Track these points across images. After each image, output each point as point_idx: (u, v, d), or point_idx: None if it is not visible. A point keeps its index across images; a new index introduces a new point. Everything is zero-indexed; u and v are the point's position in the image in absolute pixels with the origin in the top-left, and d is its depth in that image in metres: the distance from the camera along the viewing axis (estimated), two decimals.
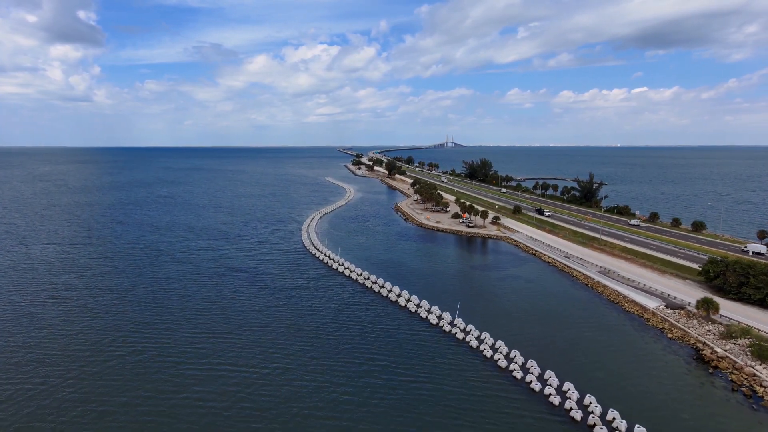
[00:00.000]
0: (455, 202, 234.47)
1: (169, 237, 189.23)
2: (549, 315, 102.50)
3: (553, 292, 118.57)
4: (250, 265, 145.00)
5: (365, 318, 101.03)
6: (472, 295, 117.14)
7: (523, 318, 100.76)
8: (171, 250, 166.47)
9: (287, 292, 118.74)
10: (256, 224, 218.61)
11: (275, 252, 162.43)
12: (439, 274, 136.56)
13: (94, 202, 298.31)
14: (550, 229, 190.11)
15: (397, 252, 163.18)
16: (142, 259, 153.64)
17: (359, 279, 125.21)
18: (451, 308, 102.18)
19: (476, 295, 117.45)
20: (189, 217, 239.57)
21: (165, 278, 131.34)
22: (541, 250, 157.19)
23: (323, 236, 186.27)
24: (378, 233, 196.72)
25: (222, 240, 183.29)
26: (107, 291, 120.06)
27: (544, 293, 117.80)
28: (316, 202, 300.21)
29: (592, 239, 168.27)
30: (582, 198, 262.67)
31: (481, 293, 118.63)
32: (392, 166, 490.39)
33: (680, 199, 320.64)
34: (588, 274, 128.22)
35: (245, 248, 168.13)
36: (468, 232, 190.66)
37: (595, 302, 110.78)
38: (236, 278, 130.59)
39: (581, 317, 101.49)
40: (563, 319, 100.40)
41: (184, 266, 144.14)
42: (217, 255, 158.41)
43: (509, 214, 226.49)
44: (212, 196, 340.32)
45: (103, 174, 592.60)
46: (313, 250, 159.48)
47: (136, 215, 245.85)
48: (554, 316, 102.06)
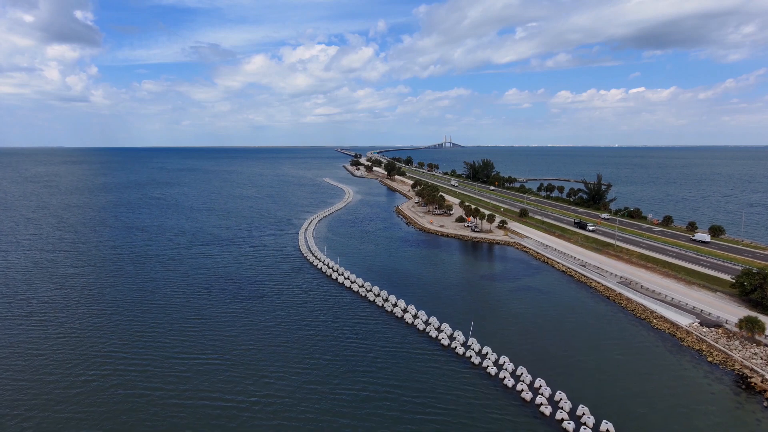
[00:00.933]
0: (459, 205, 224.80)
1: (159, 243, 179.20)
2: (571, 333, 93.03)
3: (571, 306, 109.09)
4: (243, 274, 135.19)
5: (368, 337, 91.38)
6: (484, 309, 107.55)
7: (543, 338, 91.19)
8: (160, 257, 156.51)
9: (282, 306, 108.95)
10: (251, 228, 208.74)
11: (271, 259, 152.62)
12: (446, 284, 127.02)
13: (83, 205, 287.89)
14: (561, 234, 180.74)
15: (400, 259, 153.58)
16: (129, 267, 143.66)
17: (361, 291, 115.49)
18: (463, 326, 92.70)
19: (489, 309, 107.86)
20: (181, 221, 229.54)
21: (151, 290, 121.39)
22: (553, 257, 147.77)
23: (322, 242, 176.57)
24: (379, 238, 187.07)
25: (215, 246, 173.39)
26: (87, 306, 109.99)
27: (562, 307, 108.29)
28: (314, 204, 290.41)
29: (606, 245, 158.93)
30: (589, 200, 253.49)
31: (494, 307, 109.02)
32: (392, 167, 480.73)
33: (687, 201, 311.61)
34: (608, 284, 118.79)
35: (239, 255, 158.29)
36: (474, 238, 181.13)
37: (619, 318, 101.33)
38: (227, 290, 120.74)
39: (607, 336, 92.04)
40: (587, 338, 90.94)
41: (173, 276, 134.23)
42: (208, 263, 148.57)
43: (515, 218, 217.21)
44: (207, 198, 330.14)
45: (96, 175, 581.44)
46: (311, 257, 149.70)
47: (127, 219, 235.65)
48: (577, 334, 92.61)
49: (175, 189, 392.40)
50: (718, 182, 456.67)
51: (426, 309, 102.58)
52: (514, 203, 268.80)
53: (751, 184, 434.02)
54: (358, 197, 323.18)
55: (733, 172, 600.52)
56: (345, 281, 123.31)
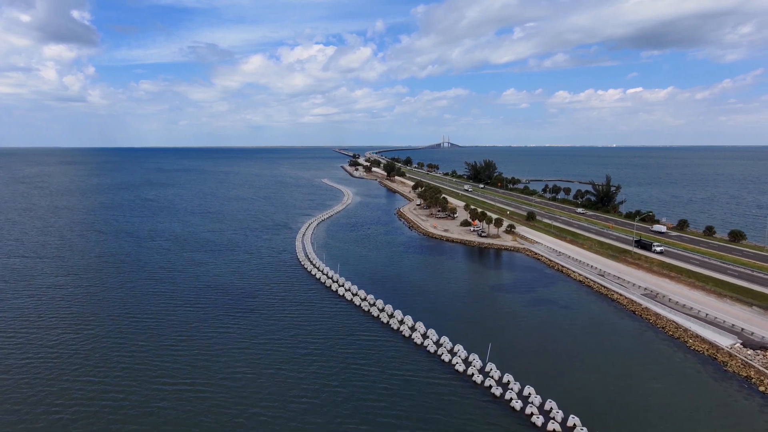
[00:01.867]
0: (464, 209, 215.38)
1: (148, 249, 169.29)
2: (600, 356, 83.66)
3: (595, 322, 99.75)
4: (235, 285, 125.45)
5: (373, 361, 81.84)
6: (499, 327, 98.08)
7: (570, 363, 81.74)
8: (148, 265, 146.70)
9: (277, 323, 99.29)
10: (246, 233, 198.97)
11: (266, 268, 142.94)
12: (455, 296, 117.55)
13: (73, 207, 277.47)
14: (573, 239, 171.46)
15: (404, 268, 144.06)
16: (113, 277, 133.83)
17: (364, 305, 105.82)
18: (478, 347, 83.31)
19: (505, 327, 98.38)
20: (174, 224, 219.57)
21: (135, 304, 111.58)
22: (568, 265, 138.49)
23: (320, 248, 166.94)
24: (381, 243, 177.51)
25: (207, 252, 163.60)
26: (62, 322, 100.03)
27: (585, 323, 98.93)
28: (312, 206, 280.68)
29: (622, 252, 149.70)
30: (598, 203, 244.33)
31: (511, 324, 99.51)
32: (391, 168, 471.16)
33: (695, 204, 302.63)
34: (631, 297, 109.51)
35: (232, 263, 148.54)
36: (481, 243, 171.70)
37: (649, 336, 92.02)
38: (218, 303, 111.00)
39: (638, 358, 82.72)
40: (618, 361, 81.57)
41: (160, 287, 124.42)
42: (199, 271, 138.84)
43: (522, 221, 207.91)
44: (201, 199, 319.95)
45: (90, 175, 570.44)
46: (308, 265, 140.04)
47: (117, 222, 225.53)
48: (606, 357, 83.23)
49: (170, 190, 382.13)
50: (723, 183, 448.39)
51: (435, 326, 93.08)
52: (520, 205, 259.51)
53: (757, 185, 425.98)
54: (358, 199, 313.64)
55: (735, 173, 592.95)
56: (346, 293, 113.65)
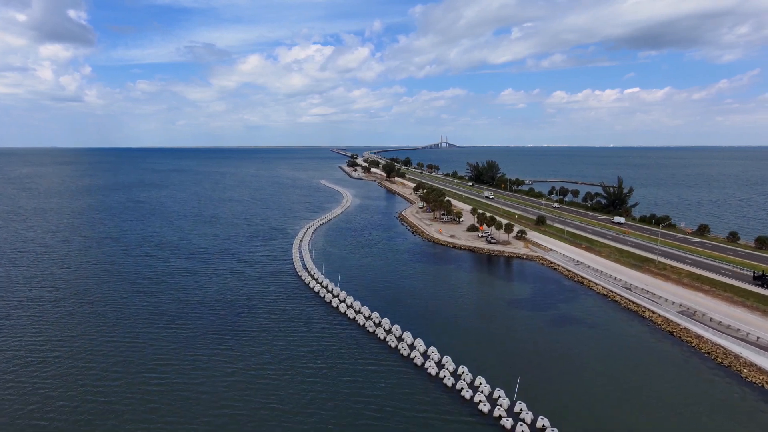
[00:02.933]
0: (471, 213, 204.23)
1: (135, 257, 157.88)
2: (645, 390, 72.68)
3: (630, 345, 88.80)
4: (226, 300, 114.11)
5: (379, 395, 70.78)
6: (524, 353, 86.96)
7: (611, 399, 70.79)
8: (133, 275, 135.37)
9: (270, 346, 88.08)
10: (240, 239, 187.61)
11: (260, 279, 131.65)
12: (469, 314, 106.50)
13: (60, 209, 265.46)
14: (589, 246, 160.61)
15: (410, 279, 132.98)
16: (94, 290, 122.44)
17: (368, 326, 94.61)
18: (503, 380, 72.32)
19: (530, 353, 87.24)
20: (164, 229, 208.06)
21: (114, 322, 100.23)
22: (588, 276, 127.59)
23: (319, 255, 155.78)
24: (384, 251, 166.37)
25: (198, 261, 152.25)
26: (29, 345, 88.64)
27: (618, 347, 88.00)
28: (310, 209, 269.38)
29: (645, 261, 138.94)
30: (609, 206, 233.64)
31: (536, 350, 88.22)
32: (391, 168, 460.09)
33: (705, 206, 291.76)
34: (666, 315, 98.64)
35: (224, 273, 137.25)
36: (491, 250, 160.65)
37: (695, 364, 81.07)
38: (206, 322, 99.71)
39: (690, 393, 71.80)
40: (667, 396, 70.60)
41: (144, 301, 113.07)
42: (188, 284, 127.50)
43: (532, 226, 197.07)
44: (195, 201, 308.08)
45: (83, 176, 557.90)
46: (306, 277, 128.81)
47: (104, 226, 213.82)
48: (652, 391, 72.23)
49: (163, 192, 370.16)
50: (729, 184, 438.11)
51: (451, 352, 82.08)
52: (527, 208, 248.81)
53: (764, 186, 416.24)
54: (357, 201, 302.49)
55: (738, 173, 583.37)
56: (348, 311, 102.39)
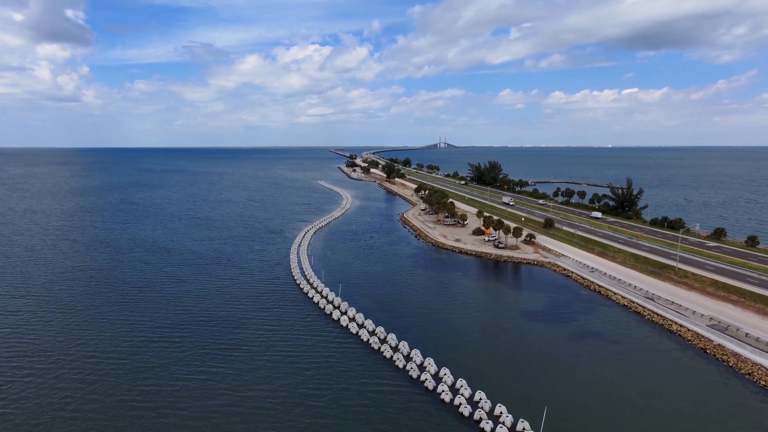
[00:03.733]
0: (477, 215, 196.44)
1: (125, 263, 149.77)
2: (681, 415, 65.02)
3: (660, 365, 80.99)
4: (220, 311, 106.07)
5: (387, 424, 62.95)
6: (546, 374, 79.10)
7: (650, 429, 63.12)
8: (121, 283, 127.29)
9: (265, 364, 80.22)
10: (236, 243, 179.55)
11: (256, 288, 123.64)
12: (481, 327, 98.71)
13: (50, 211, 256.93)
14: (602, 251, 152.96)
15: (415, 287, 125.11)
16: (79, 299, 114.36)
17: (373, 342, 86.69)
18: (526, 408, 64.58)
19: (553, 374, 79.40)
20: (157, 232, 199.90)
21: (96, 335, 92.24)
22: (605, 284, 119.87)
23: (318, 261, 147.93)
24: (386, 256, 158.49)
25: (191, 267, 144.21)
26: (3, 366, 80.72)
27: (648, 367, 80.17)
28: (309, 211, 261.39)
29: (663, 267, 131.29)
30: (618, 208, 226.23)
31: (559, 371, 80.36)
32: (391, 169, 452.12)
33: (712, 208, 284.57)
34: (695, 329, 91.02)
35: (218, 281, 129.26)
36: (499, 256, 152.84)
37: (735, 387, 73.35)
38: (197, 336, 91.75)
39: (734, 421, 64.16)
40: (708, 423, 62.94)
41: (132, 313, 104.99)
42: (180, 293, 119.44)
43: (539, 229, 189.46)
44: (190, 203, 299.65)
45: (77, 176, 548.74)
46: (304, 285, 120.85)
47: (95, 229, 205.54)
48: (689, 416, 64.58)
49: (158, 192, 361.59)
50: (733, 185, 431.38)
51: (466, 375, 74.30)
52: (532, 210, 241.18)
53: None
54: (357, 203, 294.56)
55: (741, 174, 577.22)
56: (350, 324, 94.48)
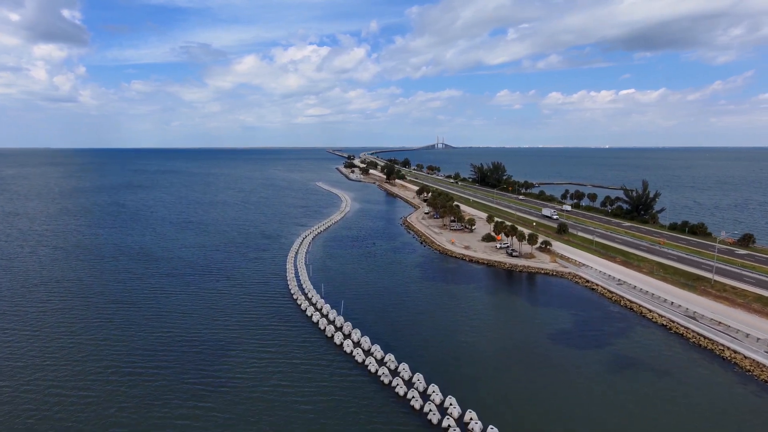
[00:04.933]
0: (488, 221, 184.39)
1: (108, 273, 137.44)
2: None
3: (722, 404, 68.96)
4: (208, 332, 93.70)
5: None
6: (591, 416, 67.37)
7: None
8: (101, 298, 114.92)
9: (255, 401, 68.00)
10: (229, 249, 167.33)
11: (249, 303, 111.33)
12: (506, 353, 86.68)
13: (35, 214, 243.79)
14: (624, 260, 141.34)
15: (426, 302, 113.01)
16: (51, 317, 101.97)
17: (382, 374, 74.31)
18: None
19: (600, 418, 67.73)
20: (146, 238, 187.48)
21: (64, 363, 79.88)
22: (637, 299, 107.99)
23: (317, 271, 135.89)
24: (391, 265, 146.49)
25: (179, 278, 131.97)
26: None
27: (707, 406, 68.18)
28: (307, 214, 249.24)
29: (697, 279, 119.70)
30: (633, 211, 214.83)
31: (608, 411, 68.76)
32: (391, 170, 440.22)
33: (724, 210, 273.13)
34: (754, 356, 79.20)
35: (208, 295, 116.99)
36: (514, 265, 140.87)
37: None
38: (180, 363, 79.52)
39: None
40: None
41: (108, 334, 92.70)
42: (164, 309, 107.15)
43: (553, 235, 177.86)
44: (183, 206, 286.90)
45: (69, 177, 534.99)
46: (302, 301, 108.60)
47: (79, 234, 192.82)
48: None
49: (150, 194, 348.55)
50: (740, 186, 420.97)
51: (495, 419, 62.37)
52: (542, 214, 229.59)
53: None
54: (357, 205, 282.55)
55: (744, 175, 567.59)
56: (355, 351, 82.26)
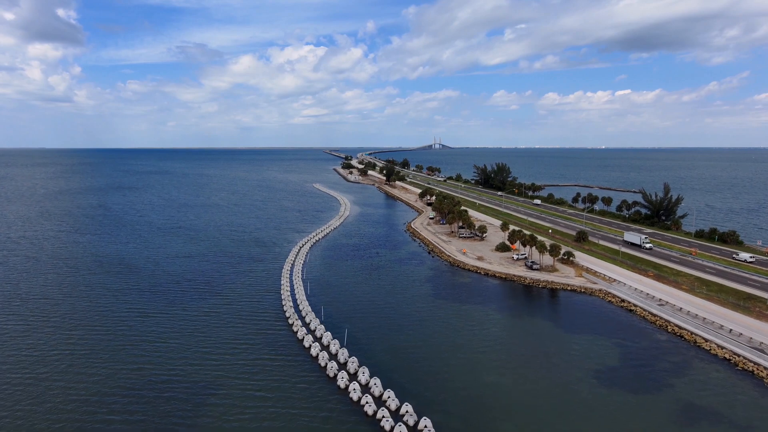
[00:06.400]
0: (502, 228, 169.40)
1: (81, 289, 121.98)
2: None
3: None
4: (186, 369, 78.33)
5: None
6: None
7: None
8: (65, 322, 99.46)
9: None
10: (219, 260, 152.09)
11: (238, 329, 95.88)
12: (545, 396, 71.83)
13: (12, 220, 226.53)
14: (658, 274, 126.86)
15: (443, 328, 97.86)
16: (3, 346, 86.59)
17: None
18: None
19: None
20: (129, 246, 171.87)
21: (11, 406, 64.69)
22: (688, 326, 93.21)
23: (316, 288, 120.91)
24: (398, 280, 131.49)
25: (161, 295, 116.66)
26: None
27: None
28: (304, 219, 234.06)
29: (748, 298, 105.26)
30: (653, 217, 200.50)
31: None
32: (390, 171, 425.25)
33: (738, 214, 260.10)
34: None
35: (191, 318, 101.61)
36: (536, 281, 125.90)
37: None
38: (155, 412, 64.37)
39: None
40: None
41: (69, 369, 77.42)
42: (138, 337, 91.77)
43: (571, 243, 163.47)
44: (173, 209, 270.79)
45: (57, 178, 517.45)
46: (299, 327, 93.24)
47: (57, 242, 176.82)
48: None
49: (139, 197, 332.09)
50: (752, 189, 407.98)
51: None
52: (555, 220, 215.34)
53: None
54: (356, 209, 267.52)
55: (750, 176, 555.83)
56: (364, 398, 67.15)
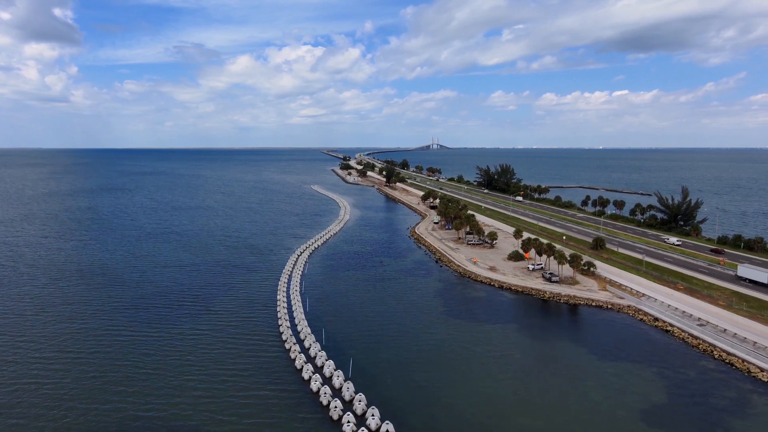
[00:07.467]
0: (515, 236, 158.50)
1: (59, 304, 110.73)
2: None
3: None
4: (168, 408, 67.25)
5: None
6: None
7: None
8: (35, 345, 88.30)
9: None
10: (212, 270, 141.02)
11: (229, 350, 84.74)
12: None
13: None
14: (689, 287, 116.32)
15: (457, 352, 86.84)
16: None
17: None
18: None
19: None
20: (116, 254, 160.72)
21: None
22: (735, 350, 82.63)
23: (315, 304, 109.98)
24: (406, 294, 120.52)
25: (146, 311, 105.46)
26: None
27: None
28: (302, 224, 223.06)
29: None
30: (670, 222, 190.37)
31: None
32: (390, 173, 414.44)
33: (752, 217, 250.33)
34: None
35: (177, 340, 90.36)
36: (556, 295, 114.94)
37: None
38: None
39: None
40: None
41: (29, 403, 66.35)
42: (117, 361, 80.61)
43: (587, 251, 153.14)
44: (165, 212, 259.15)
45: (48, 179, 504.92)
46: (296, 353, 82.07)
47: (38, 250, 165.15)
48: None
49: (131, 199, 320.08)
50: (758, 191, 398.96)
51: None
52: (565, 224, 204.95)
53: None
54: (357, 213, 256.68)
55: (755, 177, 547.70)
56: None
